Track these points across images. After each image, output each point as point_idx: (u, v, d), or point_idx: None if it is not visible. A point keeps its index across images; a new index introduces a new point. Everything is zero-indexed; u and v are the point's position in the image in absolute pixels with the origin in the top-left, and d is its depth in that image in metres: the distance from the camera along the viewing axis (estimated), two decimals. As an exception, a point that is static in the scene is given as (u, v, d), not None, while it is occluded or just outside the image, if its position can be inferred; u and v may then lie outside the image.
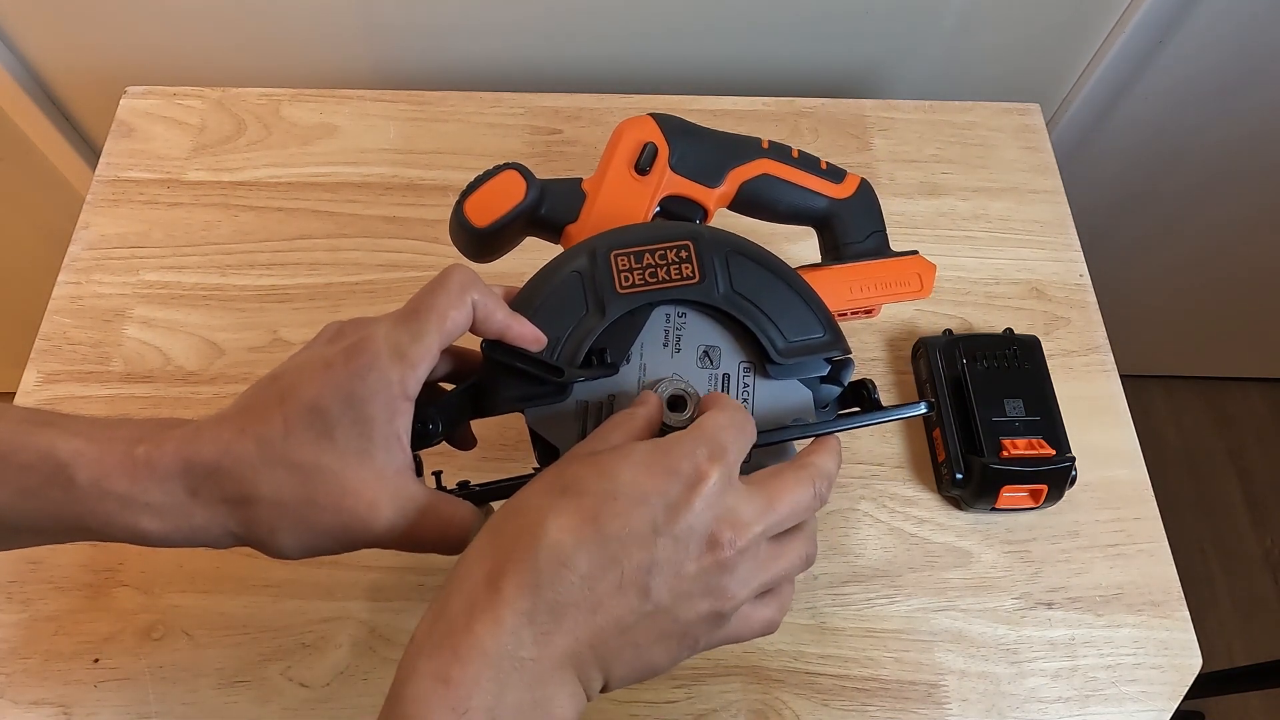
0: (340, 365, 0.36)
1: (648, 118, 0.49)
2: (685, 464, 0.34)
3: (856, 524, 0.60)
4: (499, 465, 0.60)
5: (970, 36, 0.81)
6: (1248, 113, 0.90)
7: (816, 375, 0.44)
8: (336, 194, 0.71)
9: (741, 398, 0.44)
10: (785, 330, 0.43)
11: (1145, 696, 0.55)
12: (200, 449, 0.35)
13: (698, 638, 0.35)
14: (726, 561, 0.34)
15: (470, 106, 0.76)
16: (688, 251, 0.43)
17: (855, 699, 0.54)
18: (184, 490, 0.35)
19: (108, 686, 0.53)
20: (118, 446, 0.35)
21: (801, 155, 0.51)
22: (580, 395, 0.43)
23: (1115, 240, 1.08)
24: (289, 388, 0.36)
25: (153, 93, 0.76)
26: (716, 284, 0.43)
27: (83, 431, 0.35)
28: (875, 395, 0.45)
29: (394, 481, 0.36)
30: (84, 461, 0.34)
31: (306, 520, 0.35)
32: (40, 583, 0.56)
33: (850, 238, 0.52)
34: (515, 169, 0.47)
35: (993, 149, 0.75)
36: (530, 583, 0.32)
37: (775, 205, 0.51)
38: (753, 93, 0.78)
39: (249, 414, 0.36)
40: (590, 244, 0.43)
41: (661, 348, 0.44)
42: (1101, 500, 0.61)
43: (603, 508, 0.33)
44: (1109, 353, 0.67)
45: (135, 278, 0.67)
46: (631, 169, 0.48)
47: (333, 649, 0.54)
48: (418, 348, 0.37)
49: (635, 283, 0.42)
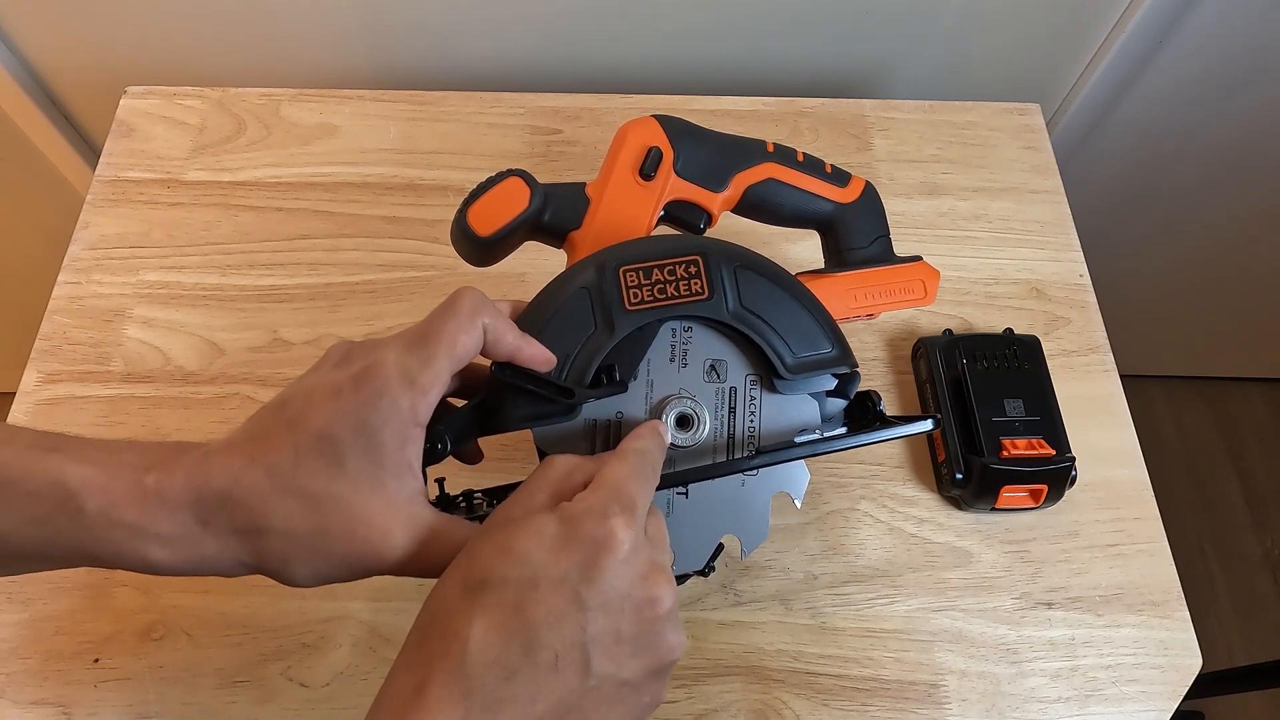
0: (350, 392, 0.35)
1: (651, 119, 0.49)
2: (596, 530, 0.34)
3: (856, 524, 0.60)
4: (499, 465, 0.60)
5: (970, 36, 0.81)
6: (1248, 113, 0.90)
7: (823, 389, 0.44)
8: (336, 194, 0.71)
9: (748, 411, 0.44)
10: (793, 345, 0.43)
11: (1145, 696, 0.55)
12: (210, 479, 0.35)
13: (649, 694, 0.35)
14: (662, 615, 0.34)
15: (470, 106, 0.76)
16: (697, 267, 0.42)
17: (855, 699, 0.54)
18: (195, 520, 0.34)
19: (108, 686, 0.53)
20: (127, 474, 0.34)
21: (807, 158, 0.51)
22: (588, 414, 0.43)
23: (1115, 240, 1.08)
24: (298, 415, 0.36)
25: (153, 93, 0.76)
26: (725, 300, 0.42)
27: (91, 458, 0.35)
28: (880, 407, 0.45)
29: (406, 509, 0.36)
30: (93, 490, 0.34)
31: (319, 550, 0.35)
32: (40, 583, 0.56)
33: (855, 243, 0.51)
34: (519, 176, 0.46)
35: (993, 149, 0.75)
36: (461, 690, 0.31)
37: (780, 209, 0.51)
38: (753, 93, 0.78)
39: (258, 442, 0.35)
40: (598, 259, 0.42)
41: (668, 363, 0.44)
42: (1101, 500, 0.61)
43: (523, 597, 0.32)
44: (1109, 353, 0.67)
45: (135, 278, 0.67)
46: (636, 174, 0.47)
47: (333, 649, 0.54)
48: (428, 374, 0.36)
49: (644, 299, 0.42)
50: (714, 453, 0.44)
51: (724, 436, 0.44)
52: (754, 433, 0.44)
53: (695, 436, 0.43)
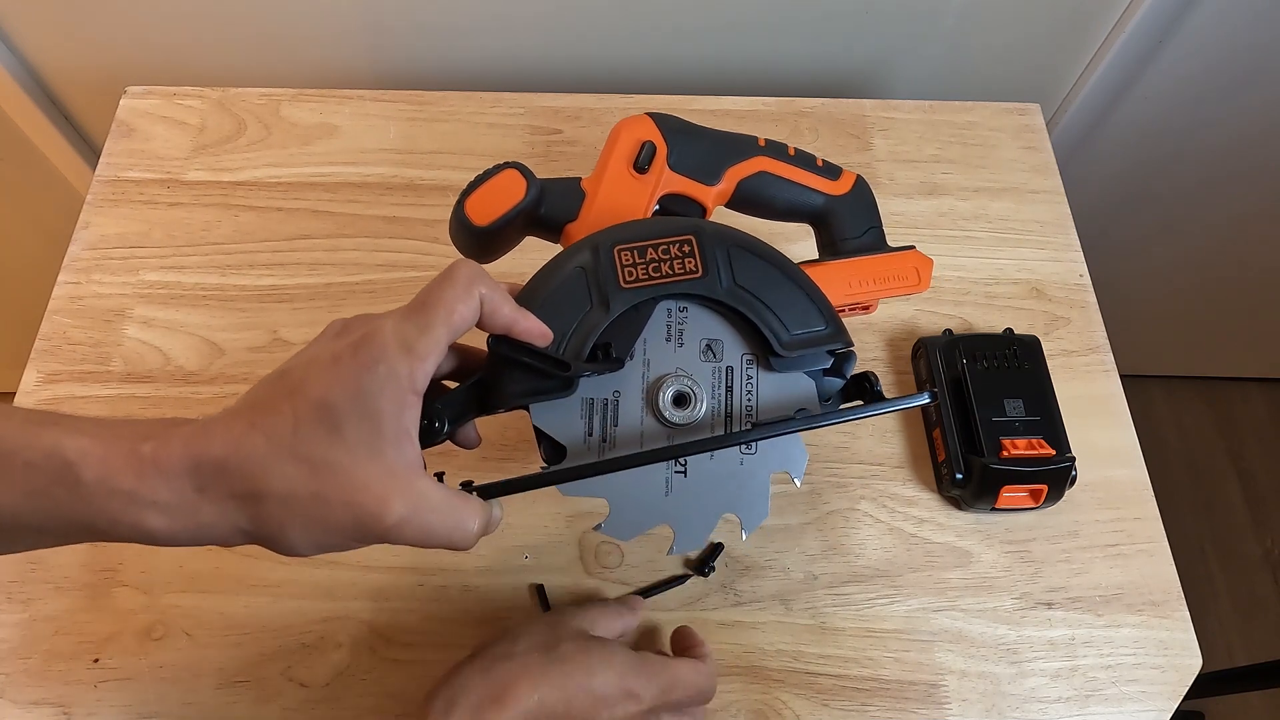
0: (348, 359, 0.36)
1: (645, 117, 0.49)
2: None
3: (856, 524, 0.60)
4: (499, 465, 0.60)
5: (970, 36, 0.81)
6: (1248, 112, 0.90)
7: (819, 368, 0.45)
8: (336, 194, 0.71)
9: (745, 390, 0.44)
10: (788, 323, 0.43)
11: (1145, 696, 0.55)
12: (208, 445, 0.35)
13: None
14: None
15: (470, 106, 0.76)
16: (690, 246, 0.43)
17: (855, 699, 0.54)
18: (192, 487, 0.35)
19: (108, 686, 0.53)
20: (124, 444, 0.35)
21: (798, 153, 0.51)
22: (585, 392, 0.43)
23: (1115, 240, 1.08)
24: (297, 383, 0.36)
25: (153, 93, 0.76)
26: (719, 278, 0.43)
27: (88, 430, 0.35)
28: (878, 387, 0.45)
29: (404, 477, 0.36)
30: (90, 460, 0.34)
31: (317, 516, 0.35)
32: (40, 583, 0.56)
33: (847, 234, 0.52)
34: (515, 168, 0.47)
35: (993, 149, 0.75)
36: None
37: (772, 202, 0.52)
38: (753, 93, 0.78)
39: (257, 409, 0.36)
40: (593, 240, 0.43)
41: (665, 342, 0.44)
42: (1101, 500, 0.61)
43: None
44: (1109, 353, 0.67)
45: (135, 278, 0.67)
46: (630, 168, 0.48)
47: (333, 649, 0.54)
48: (425, 341, 0.36)
49: (639, 277, 0.42)
50: (711, 431, 0.44)
51: (721, 415, 0.44)
52: (751, 411, 0.44)
53: (693, 415, 0.44)
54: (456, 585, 0.57)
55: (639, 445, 0.43)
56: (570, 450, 0.43)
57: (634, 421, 0.44)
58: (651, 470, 0.43)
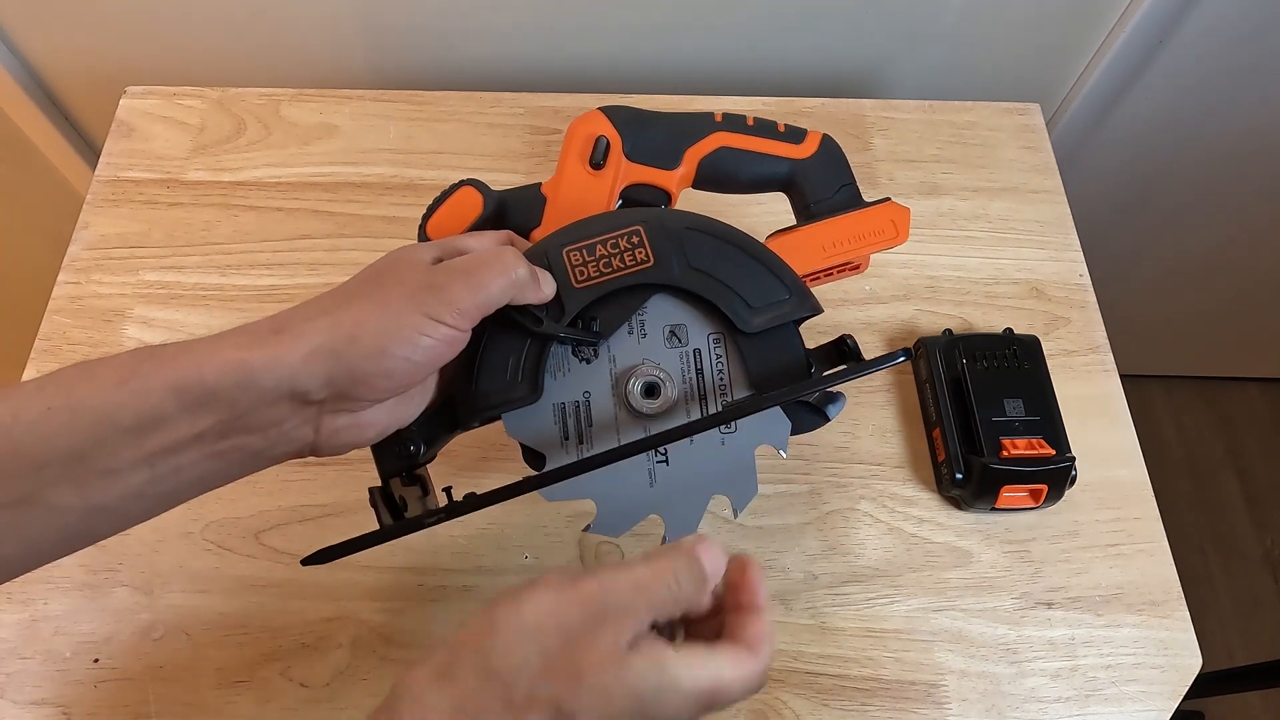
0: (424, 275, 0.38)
1: (596, 112, 0.49)
2: None
3: (856, 524, 0.60)
4: (499, 465, 0.60)
5: (970, 36, 0.81)
6: (1247, 113, 0.90)
7: (791, 339, 0.44)
8: (336, 194, 0.71)
9: (716, 369, 0.44)
10: (749, 298, 0.43)
11: (1145, 696, 0.55)
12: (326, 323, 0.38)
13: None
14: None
15: (470, 106, 0.76)
16: (639, 236, 0.43)
17: (855, 699, 0.54)
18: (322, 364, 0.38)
19: (108, 686, 0.53)
20: (267, 347, 0.38)
21: (758, 122, 0.50)
22: (555, 397, 0.44)
23: (1115, 240, 1.08)
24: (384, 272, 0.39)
25: (153, 93, 0.76)
26: (673, 264, 0.43)
27: (227, 344, 0.39)
28: (857, 349, 0.44)
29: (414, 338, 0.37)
30: (259, 363, 0.37)
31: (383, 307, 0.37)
32: (40, 583, 0.56)
33: (819, 195, 0.51)
34: (471, 184, 0.47)
35: (993, 149, 0.75)
36: None
37: (737, 176, 0.51)
38: (753, 93, 0.78)
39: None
40: (541, 245, 0.43)
41: (627, 335, 0.44)
42: (1101, 500, 0.61)
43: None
44: (1109, 353, 0.67)
45: (135, 278, 0.67)
46: (586, 165, 0.48)
47: (333, 649, 0.54)
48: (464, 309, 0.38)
49: (590, 275, 0.43)
50: (687, 416, 0.44)
51: (695, 398, 0.44)
52: (725, 390, 0.44)
53: (665, 403, 0.44)
54: (456, 585, 0.57)
55: (616, 441, 0.43)
56: (549, 455, 0.44)
57: (608, 418, 0.44)
58: (633, 464, 0.43)
